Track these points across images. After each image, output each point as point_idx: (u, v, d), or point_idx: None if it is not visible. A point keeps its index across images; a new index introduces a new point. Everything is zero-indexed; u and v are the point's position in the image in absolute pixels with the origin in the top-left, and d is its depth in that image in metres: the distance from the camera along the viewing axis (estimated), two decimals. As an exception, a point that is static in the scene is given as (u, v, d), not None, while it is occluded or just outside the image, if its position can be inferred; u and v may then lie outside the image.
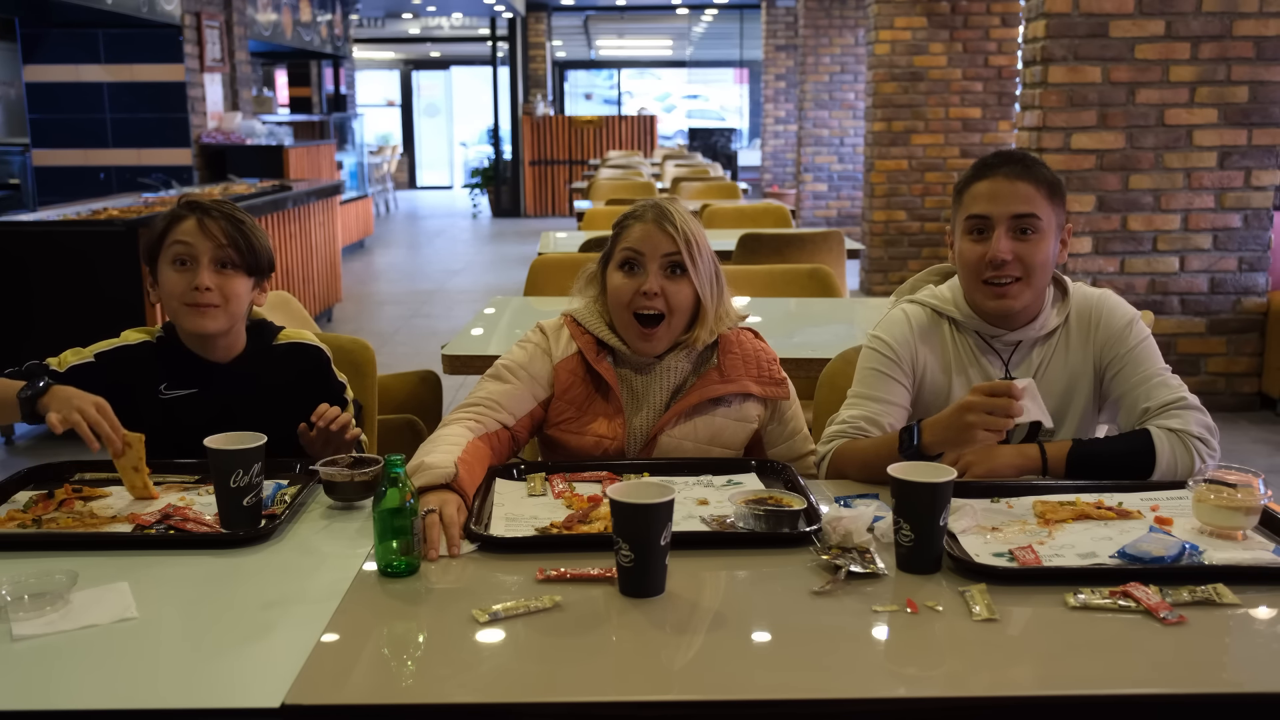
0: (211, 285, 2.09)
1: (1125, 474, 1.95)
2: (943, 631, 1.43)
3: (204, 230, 2.10)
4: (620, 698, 1.29)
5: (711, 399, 2.14)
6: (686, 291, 2.10)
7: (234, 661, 1.37)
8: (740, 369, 2.16)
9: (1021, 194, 2.02)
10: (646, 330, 2.10)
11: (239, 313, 2.16)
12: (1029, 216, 2.02)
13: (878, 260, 8.60)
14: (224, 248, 2.11)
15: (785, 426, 2.22)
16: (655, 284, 2.08)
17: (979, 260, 2.03)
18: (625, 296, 2.10)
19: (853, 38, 11.99)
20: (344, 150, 13.20)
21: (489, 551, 1.68)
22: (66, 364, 2.11)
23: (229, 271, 2.12)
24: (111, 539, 1.72)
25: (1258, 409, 5.58)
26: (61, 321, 5.13)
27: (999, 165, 2.06)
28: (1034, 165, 2.06)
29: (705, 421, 2.15)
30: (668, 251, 2.09)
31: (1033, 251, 2.02)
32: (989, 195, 2.04)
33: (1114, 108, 5.31)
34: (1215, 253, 5.47)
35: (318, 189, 8.25)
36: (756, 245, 4.85)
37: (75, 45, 8.67)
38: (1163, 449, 1.96)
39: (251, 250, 2.14)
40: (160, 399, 2.14)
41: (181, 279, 2.10)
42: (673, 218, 2.11)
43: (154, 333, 2.20)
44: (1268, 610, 1.48)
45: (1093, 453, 2.00)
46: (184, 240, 2.10)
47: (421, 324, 8.28)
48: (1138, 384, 2.05)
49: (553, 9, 18.17)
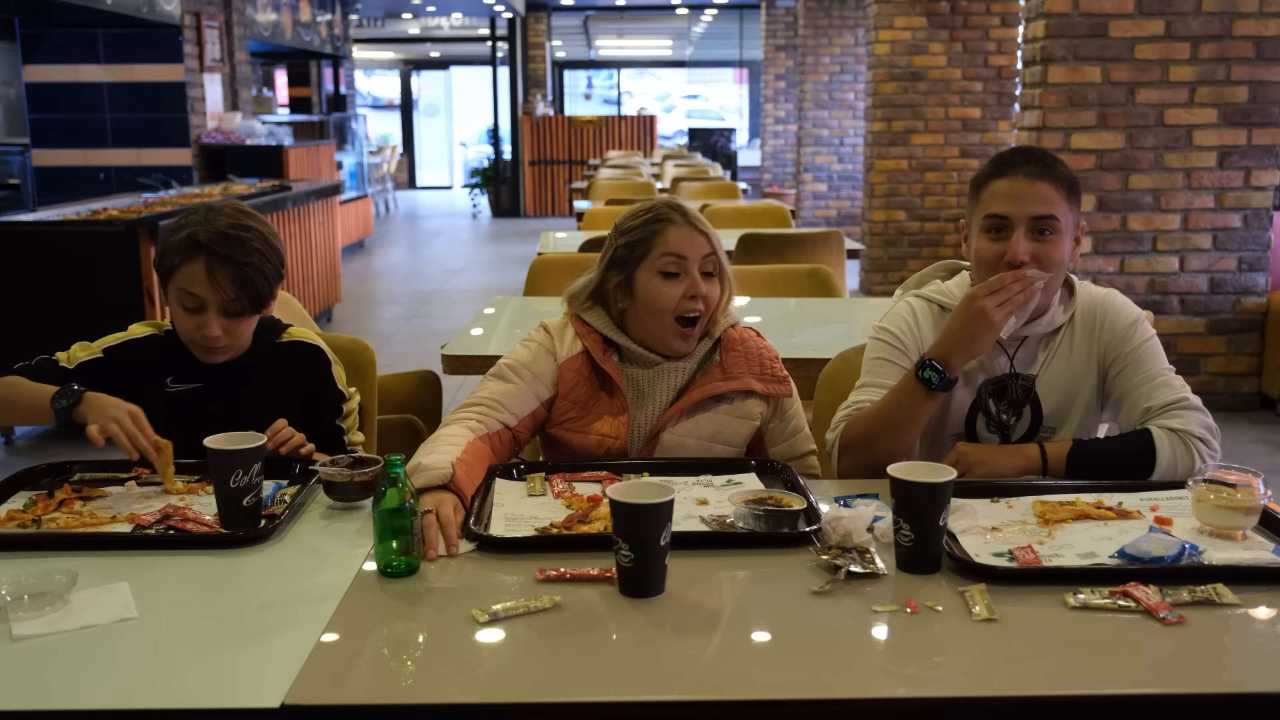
0: (220, 333, 2.10)
1: (1126, 474, 1.95)
2: (942, 631, 1.43)
3: (212, 281, 2.06)
4: (620, 698, 1.29)
5: (714, 396, 2.14)
6: (717, 290, 2.13)
7: (234, 661, 1.37)
8: (743, 366, 2.17)
9: (1042, 195, 2.01)
10: (687, 330, 2.11)
11: (248, 337, 2.18)
12: (1048, 218, 2.01)
13: (877, 260, 8.60)
14: (233, 300, 2.09)
15: (787, 424, 2.22)
16: (702, 286, 2.09)
17: (997, 260, 2.03)
18: (671, 302, 2.08)
19: (852, 38, 11.99)
20: (344, 150, 13.20)
21: (489, 551, 1.68)
22: (75, 360, 2.13)
23: (238, 315, 2.12)
24: (111, 539, 1.72)
25: (1257, 409, 5.58)
26: (61, 321, 5.13)
27: (1019, 164, 2.04)
28: (1054, 164, 2.05)
29: (708, 419, 2.15)
30: (706, 253, 2.11)
31: (1050, 252, 2.01)
32: (1009, 195, 2.03)
33: (1114, 108, 5.31)
34: (1215, 253, 5.47)
35: (317, 189, 8.25)
36: (756, 245, 4.85)
37: (75, 45, 8.68)
38: (1163, 449, 1.96)
39: (263, 293, 2.12)
40: (166, 392, 2.16)
41: (190, 321, 2.10)
42: (700, 219, 2.13)
43: (161, 326, 2.22)
44: (1268, 610, 1.48)
45: (1093, 453, 2.00)
46: (192, 292, 2.07)
47: (421, 324, 8.28)
48: (1140, 383, 2.05)
49: (552, 9, 18.17)
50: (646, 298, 2.10)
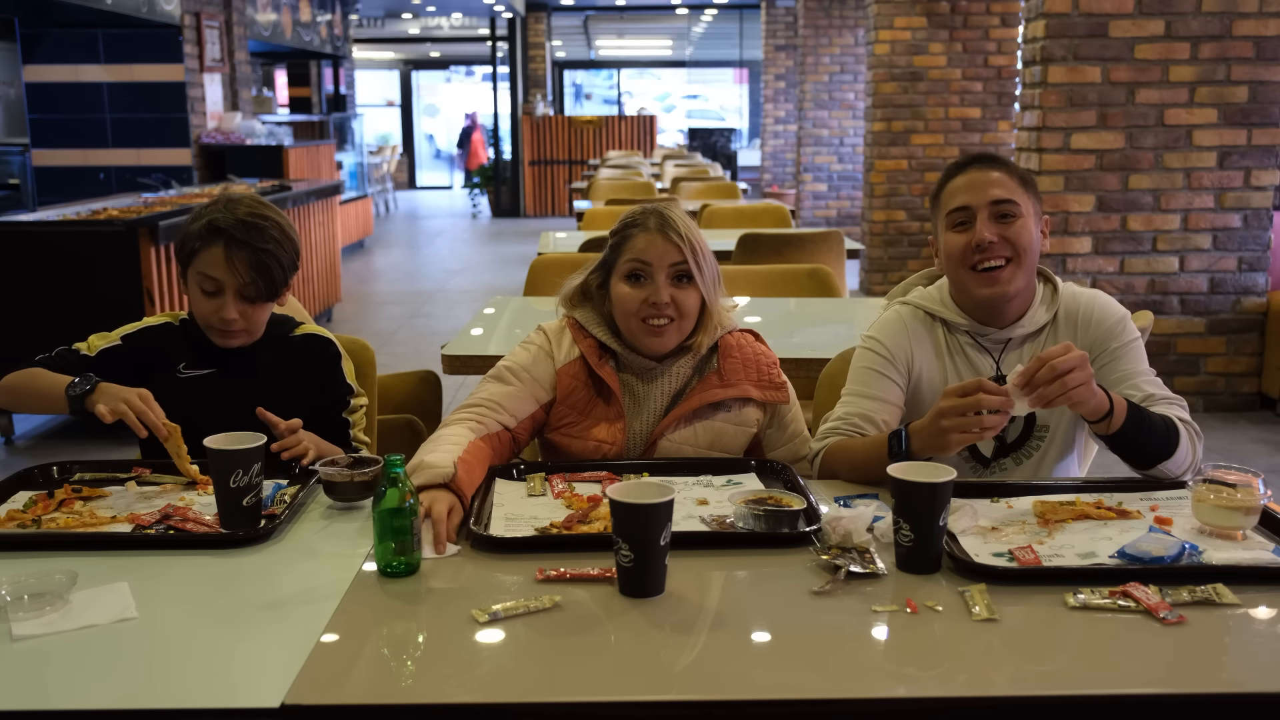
0: (237, 315, 2.16)
1: (1156, 448, 1.91)
2: (942, 631, 1.43)
3: (230, 264, 2.14)
4: (620, 698, 1.29)
5: (711, 403, 2.14)
6: (694, 297, 2.10)
7: (234, 661, 1.37)
8: (740, 373, 2.16)
9: (997, 181, 2.06)
10: (656, 326, 2.09)
11: (263, 326, 2.25)
12: (1008, 202, 2.05)
13: (877, 260, 8.60)
14: (249, 284, 2.15)
15: (784, 431, 2.22)
16: (665, 294, 2.07)
17: (965, 248, 2.04)
18: (633, 306, 2.09)
19: (852, 38, 11.99)
20: (344, 150, 13.21)
21: (489, 551, 1.68)
22: (95, 349, 2.20)
23: (253, 302, 2.18)
24: (111, 539, 1.72)
25: (1257, 409, 5.58)
26: (61, 322, 5.13)
27: (970, 162, 2.12)
28: (1003, 159, 2.13)
29: (705, 426, 2.15)
30: (675, 261, 2.08)
31: (1017, 233, 2.04)
32: (967, 187, 2.08)
33: (1114, 108, 5.31)
34: (1215, 253, 5.47)
35: (317, 189, 8.25)
36: (756, 245, 4.85)
37: (75, 45, 8.68)
38: (1183, 433, 1.95)
39: (278, 280, 2.19)
40: (178, 378, 2.21)
41: (209, 304, 2.18)
42: (676, 225, 2.10)
43: (177, 316, 2.29)
44: (1267, 610, 1.48)
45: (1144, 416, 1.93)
46: (211, 275, 2.15)
47: (421, 324, 8.28)
48: (1127, 376, 2.05)
49: (552, 9, 18.17)
50: (615, 298, 2.13)
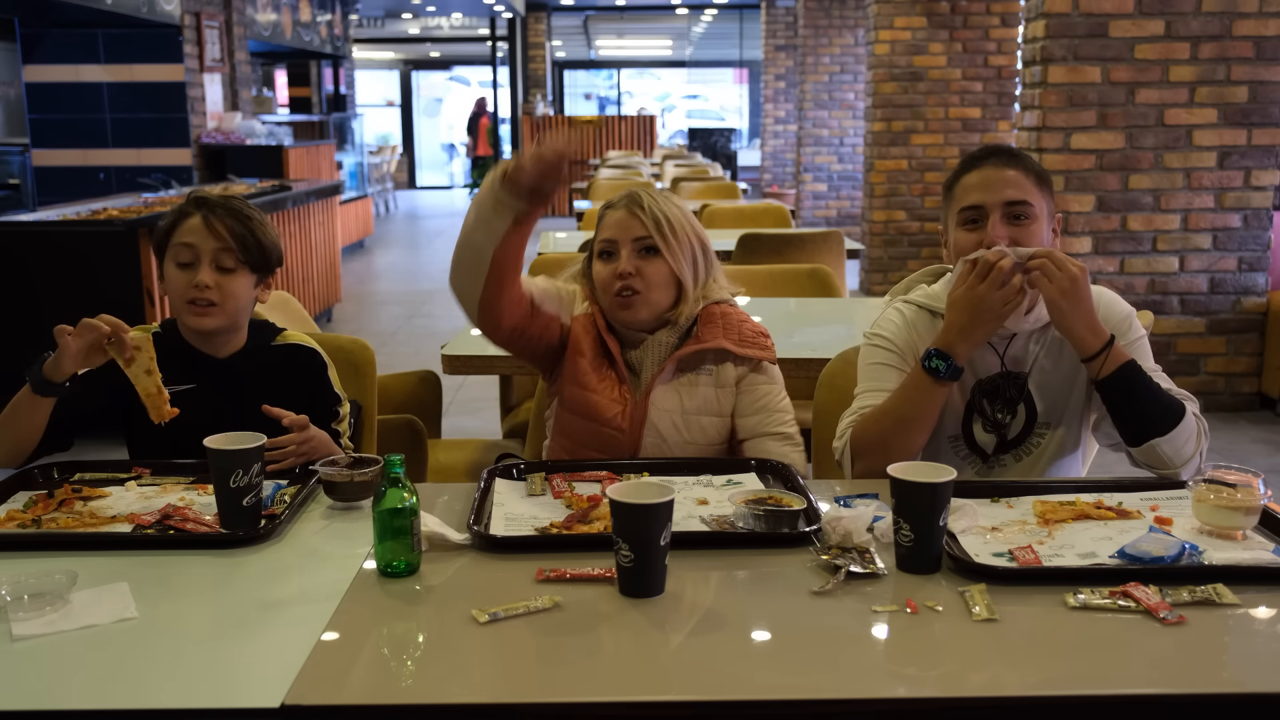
0: (210, 283, 2.12)
1: (1154, 414, 1.92)
2: (942, 631, 1.43)
3: (209, 228, 2.13)
4: (620, 698, 1.29)
5: (694, 356, 2.21)
6: (662, 269, 2.19)
7: (234, 661, 1.37)
8: (719, 332, 2.23)
9: (1012, 181, 2.04)
10: (624, 298, 2.19)
11: (238, 310, 2.18)
12: (1022, 203, 2.04)
13: (877, 260, 8.60)
14: (225, 249, 2.13)
15: (750, 394, 2.25)
16: (629, 265, 2.18)
17: (975, 248, 2.04)
18: (604, 281, 2.21)
19: (852, 38, 11.99)
20: (344, 150, 13.20)
21: (489, 551, 1.68)
22: None
23: (230, 270, 2.14)
24: (111, 539, 1.72)
25: (1257, 409, 5.58)
26: (61, 322, 5.10)
27: (987, 156, 2.10)
28: (1021, 155, 2.10)
29: (690, 392, 2.22)
30: (638, 235, 2.19)
31: (1028, 237, 2.03)
32: (980, 185, 2.06)
33: (1114, 108, 5.31)
34: (1215, 253, 5.47)
35: (317, 189, 8.24)
36: (756, 245, 4.85)
37: (75, 45, 8.68)
38: (1188, 415, 1.95)
39: (258, 247, 2.17)
40: None
41: (184, 276, 2.14)
42: (642, 202, 2.21)
43: (151, 329, 2.19)
44: (1268, 610, 1.48)
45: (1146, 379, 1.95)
46: (187, 241, 2.14)
47: (421, 324, 8.28)
48: None
49: (552, 9, 18.17)
50: (594, 278, 2.26)
